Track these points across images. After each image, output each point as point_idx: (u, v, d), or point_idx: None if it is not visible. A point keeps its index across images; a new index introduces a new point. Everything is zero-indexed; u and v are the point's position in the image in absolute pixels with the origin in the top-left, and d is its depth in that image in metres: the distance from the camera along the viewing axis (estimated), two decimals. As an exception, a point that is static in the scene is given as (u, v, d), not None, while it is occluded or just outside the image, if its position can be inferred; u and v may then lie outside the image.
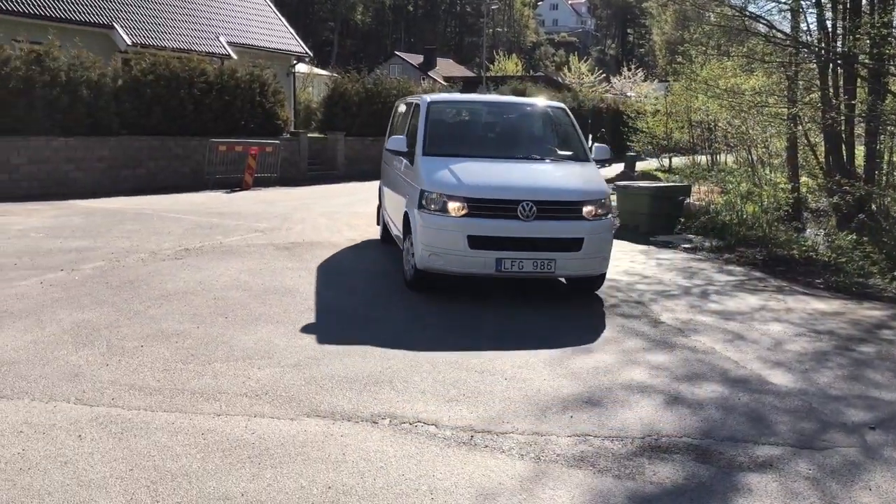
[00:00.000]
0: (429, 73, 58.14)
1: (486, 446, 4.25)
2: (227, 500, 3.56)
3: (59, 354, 5.50)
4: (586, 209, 7.37)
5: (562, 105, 9.44)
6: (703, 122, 22.00)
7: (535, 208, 7.13)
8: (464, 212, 7.20)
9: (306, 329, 6.45)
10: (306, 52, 30.37)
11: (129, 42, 21.94)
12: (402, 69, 57.59)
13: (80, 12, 21.63)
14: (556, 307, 7.57)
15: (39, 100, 15.90)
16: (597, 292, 8.12)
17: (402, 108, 10.27)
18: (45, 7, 20.71)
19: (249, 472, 3.84)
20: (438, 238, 7.27)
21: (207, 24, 25.93)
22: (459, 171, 7.59)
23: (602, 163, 8.81)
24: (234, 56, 24.74)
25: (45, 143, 16.16)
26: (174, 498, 3.55)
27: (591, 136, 19.80)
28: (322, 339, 6.15)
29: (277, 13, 30.50)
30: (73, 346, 5.71)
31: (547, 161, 8.32)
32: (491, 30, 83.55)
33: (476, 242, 7.11)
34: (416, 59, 67.54)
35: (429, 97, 9.11)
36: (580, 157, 8.43)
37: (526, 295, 7.92)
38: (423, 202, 7.41)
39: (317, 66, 41.74)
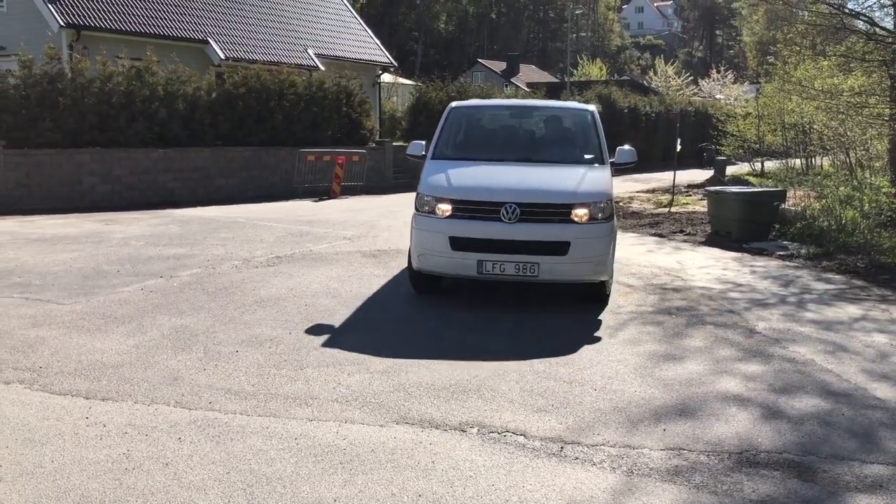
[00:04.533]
0: (511, 80, 58.09)
1: (577, 458, 4.19)
2: (320, 505, 3.62)
3: (160, 358, 5.72)
4: (577, 212, 7.12)
5: (589, 108, 9.05)
6: (797, 125, 21.21)
7: (518, 210, 6.99)
8: (448, 213, 7.23)
9: (394, 336, 6.52)
10: (391, 62, 30.79)
11: (222, 56, 22.73)
12: (485, 76, 57.72)
13: (176, 29, 22.56)
14: (643, 314, 7.42)
15: (139, 113, 16.66)
16: (687, 301, 7.92)
17: None
18: (144, 25, 21.68)
19: (341, 477, 3.89)
20: (427, 239, 7.32)
21: (296, 37, 26.62)
22: (454, 173, 7.64)
23: (625, 166, 8.28)
24: (322, 68, 25.31)
25: (145, 155, 16.89)
26: (269, 501, 3.63)
27: (678, 140, 19.29)
28: (409, 347, 6.20)
29: (363, 24, 31.06)
30: (172, 350, 5.93)
31: (554, 164, 8.00)
32: (574, 35, 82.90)
33: (457, 244, 7.09)
34: (499, 65, 67.56)
35: (454, 103, 9.16)
36: (595, 160, 8.12)
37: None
38: (418, 204, 7.51)
39: (401, 76, 42.26)
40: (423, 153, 8.38)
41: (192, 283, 8.28)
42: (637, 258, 10.52)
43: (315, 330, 6.57)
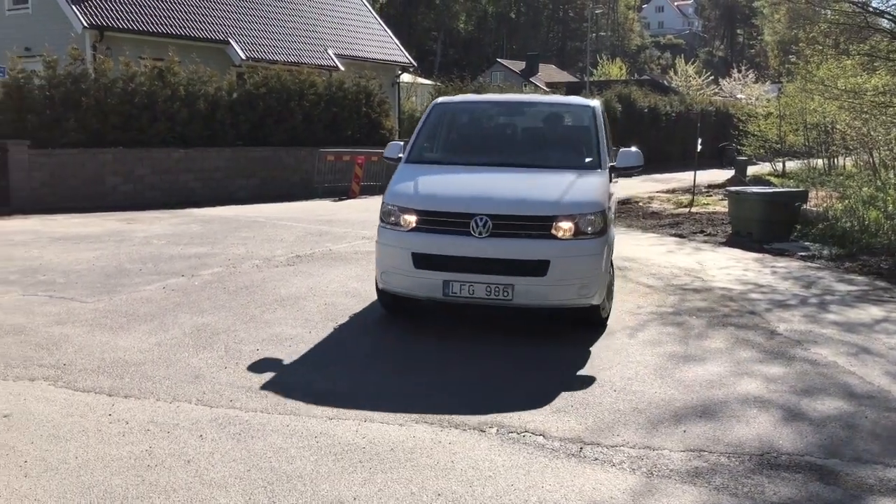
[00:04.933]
0: (531, 80, 58.04)
1: (596, 459, 4.19)
2: (339, 503, 3.64)
3: (181, 357, 5.77)
4: (560, 226, 6.14)
5: (591, 103, 7.96)
6: (819, 125, 21.01)
7: (490, 223, 6.08)
8: (412, 226, 6.36)
9: (413, 334, 6.54)
10: (410, 62, 30.87)
11: (243, 56, 22.90)
12: (504, 76, 57.78)
13: (197, 29, 22.76)
14: (663, 314, 7.38)
15: (161, 113, 16.80)
16: (708, 301, 7.87)
17: None
18: (166, 26, 21.89)
19: (361, 476, 3.91)
20: (389, 255, 6.48)
21: (316, 38, 26.75)
22: (423, 180, 6.81)
23: (629, 170, 7.31)
24: (342, 68, 25.42)
25: (167, 155, 17.03)
26: (289, 499, 3.66)
27: (699, 140, 19.19)
28: (427, 345, 6.21)
29: (383, 24, 31.15)
30: (193, 348, 5.98)
31: (542, 168, 7.06)
32: (594, 34, 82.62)
33: (421, 261, 6.21)
34: (518, 65, 67.56)
35: (439, 99, 8.32)
36: (592, 164, 7.12)
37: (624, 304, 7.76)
38: (382, 215, 6.66)
39: (420, 76, 42.31)
40: (401, 155, 7.52)
41: (213, 281, 8.34)
42: (657, 258, 10.48)
43: (335, 329, 6.60)
